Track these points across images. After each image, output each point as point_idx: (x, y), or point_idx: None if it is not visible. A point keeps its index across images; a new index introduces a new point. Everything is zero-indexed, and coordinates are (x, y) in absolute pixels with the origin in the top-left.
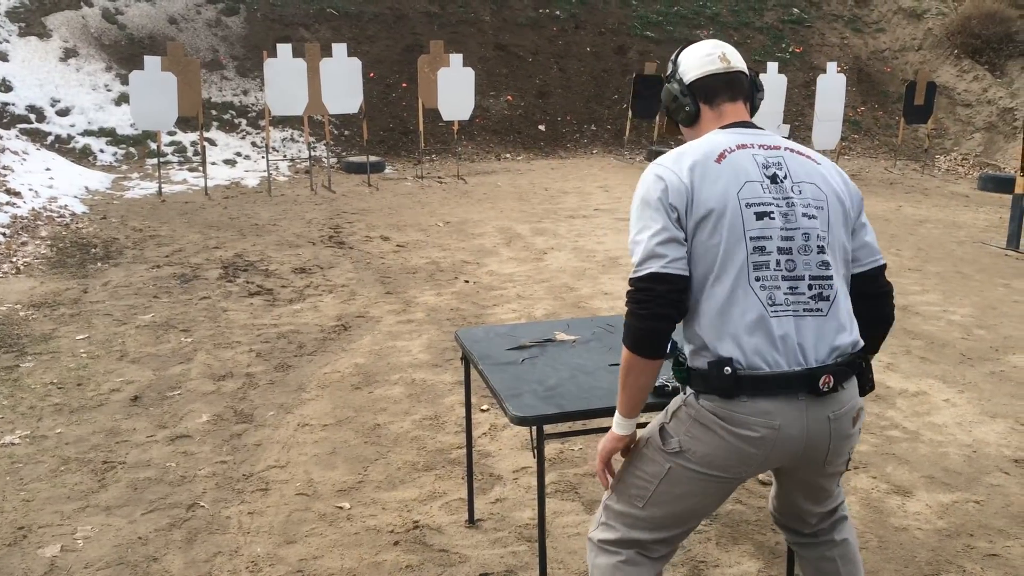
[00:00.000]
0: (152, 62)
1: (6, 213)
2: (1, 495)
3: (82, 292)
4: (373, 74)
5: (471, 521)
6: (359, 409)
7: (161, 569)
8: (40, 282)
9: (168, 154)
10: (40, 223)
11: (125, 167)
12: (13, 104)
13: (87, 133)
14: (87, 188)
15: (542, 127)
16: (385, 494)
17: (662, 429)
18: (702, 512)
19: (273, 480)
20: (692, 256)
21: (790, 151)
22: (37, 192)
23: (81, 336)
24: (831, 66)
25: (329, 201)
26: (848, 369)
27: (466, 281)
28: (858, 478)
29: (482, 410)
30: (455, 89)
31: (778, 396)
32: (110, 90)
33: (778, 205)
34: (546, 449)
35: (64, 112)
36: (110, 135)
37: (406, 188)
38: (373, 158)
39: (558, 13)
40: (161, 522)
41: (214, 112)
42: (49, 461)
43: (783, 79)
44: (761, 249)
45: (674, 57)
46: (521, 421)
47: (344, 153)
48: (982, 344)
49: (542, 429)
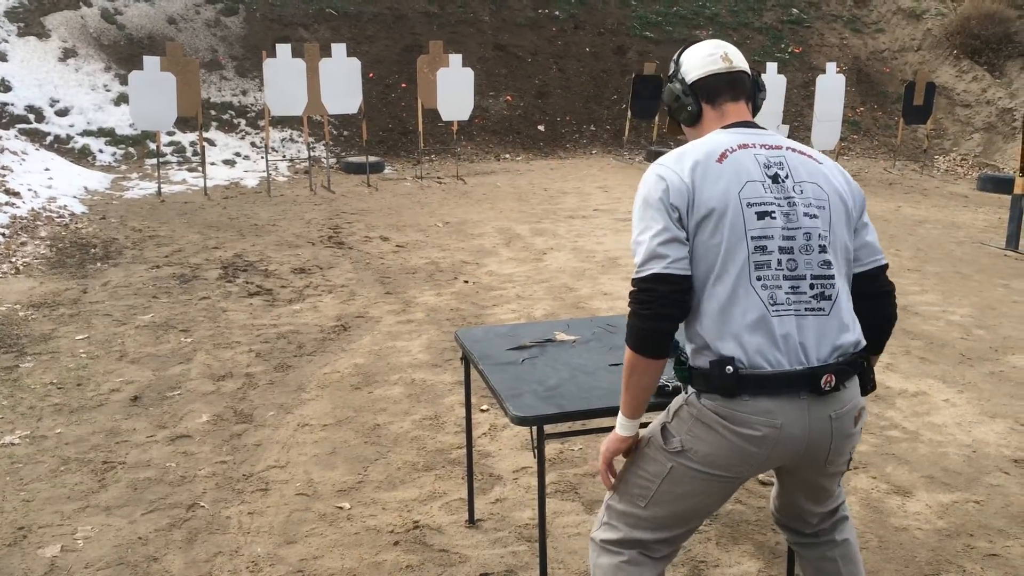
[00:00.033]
0: (151, 62)
1: (5, 213)
2: (1, 495)
3: (81, 292)
4: (372, 74)
5: (471, 521)
6: (359, 409)
7: (161, 569)
8: (39, 282)
9: (167, 154)
10: (39, 223)
11: (124, 167)
12: (12, 104)
13: (86, 133)
14: (86, 188)
15: (541, 127)
16: (385, 494)
17: (664, 428)
18: (704, 512)
19: (273, 480)
20: (693, 256)
21: (792, 151)
22: (36, 192)
23: (81, 336)
24: (830, 66)
25: (328, 201)
26: (850, 368)
27: (465, 281)
28: (858, 478)
29: (482, 410)
30: (454, 89)
31: (780, 395)
32: (109, 90)
33: (779, 205)
34: (546, 449)
35: (63, 112)
36: (109, 135)
37: (405, 188)
38: (372, 158)
39: (557, 13)
40: (161, 522)
41: (213, 112)
42: (49, 461)
43: (782, 79)
44: (762, 249)
45: (676, 57)
46: (522, 421)
47: (343, 153)
48: (981, 344)
49: (542, 429)
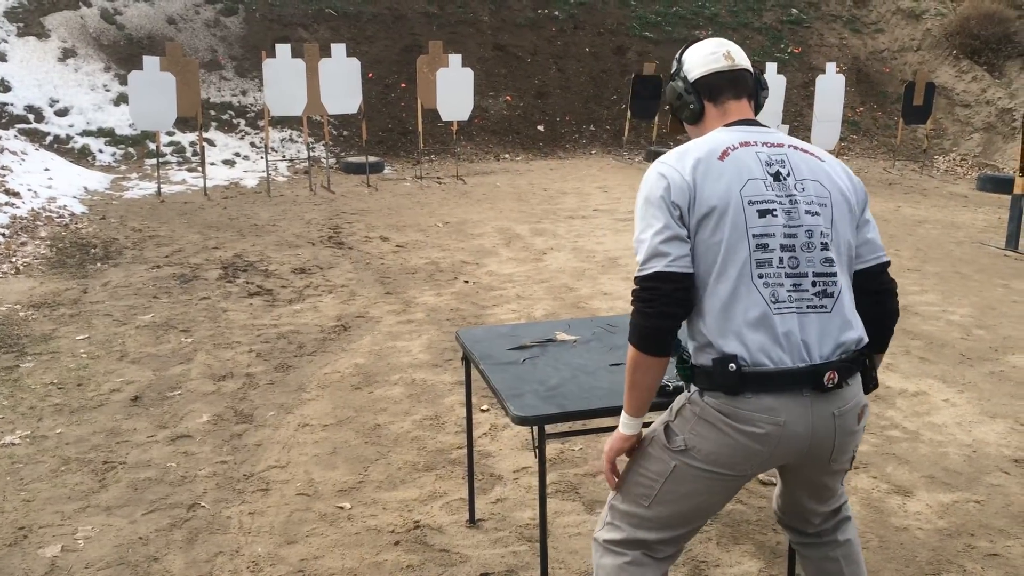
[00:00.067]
0: (151, 62)
1: (5, 213)
2: (1, 495)
3: (82, 292)
4: (372, 74)
5: (472, 521)
6: (359, 409)
7: (162, 569)
8: (40, 282)
9: (167, 154)
10: (39, 223)
11: (124, 167)
12: (12, 104)
13: (86, 133)
14: (86, 188)
15: (541, 127)
16: (386, 494)
17: (667, 427)
18: (708, 511)
19: (274, 480)
20: (695, 254)
21: (794, 148)
22: (36, 192)
23: (81, 336)
24: (830, 66)
25: (328, 201)
26: (852, 366)
27: (466, 281)
28: (858, 478)
29: (482, 410)
30: (454, 89)
31: (783, 392)
32: (109, 90)
33: (781, 202)
34: (547, 449)
35: (63, 112)
36: (109, 135)
37: (405, 188)
38: (372, 158)
39: (557, 13)
40: (162, 522)
41: (213, 112)
42: (49, 461)
43: (782, 80)
44: (764, 246)
45: (679, 55)
46: (523, 421)
47: (343, 153)
48: (981, 344)
49: (543, 429)
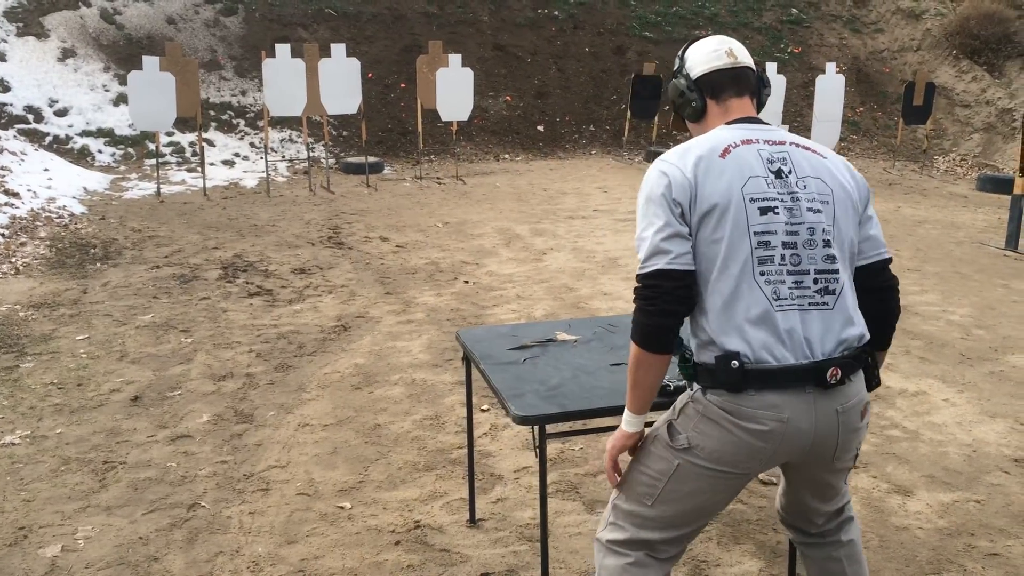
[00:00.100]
0: (150, 62)
1: (5, 214)
2: (2, 495)
3: (81, 292)
4: (371, 74)
5: (472, 521)
6: (359, 409)
7: (162, 569)
8: (39, 282)
9: (166, 155)
10: (39, 224)
11: (123, 168)
12: (11, 104)
13: (85, 133)
14: (85, 189)
15: (541, 128)
16: (386, 494)
17: (670, 426)
18: (711, 510)
19: (274, 480)
20: (697, 251)
21: (795, 146)
22: (35, 193)
23: (81, 336)
24: (830, 66)
25: (328, 202)
26: (855, 362)
27: (465, 281)
28: (858, 478)
29: (482, 410)
30: (454, 89)
31: (786, 389)
32: (108, 90)
33: (783, 200)
34: (547, 449)
35: (62, 112)
36: (108, 135)
37: (405, 189)
38: (372, 159)
39: (557, 13)
40: (162, 522)
41: (212, 113)
42: (49, 461)
43: (782, 80)
44: (766, 244)
45: (681, 52)
46: (524, 421)
47: (343, 154)
48: (981, 344)
49: (544, 429)
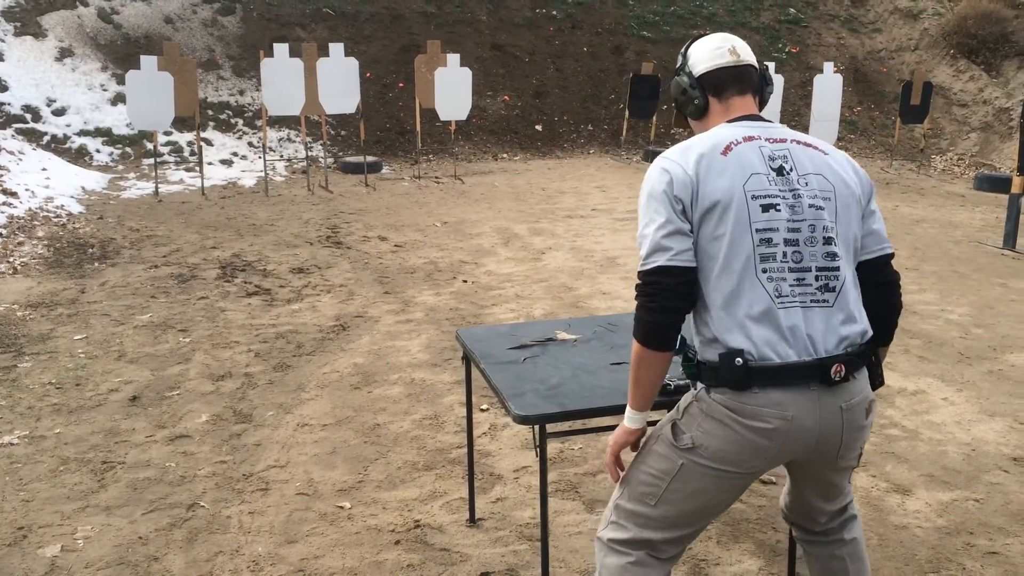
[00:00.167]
0: (148, 62)
1: (2, 213)
2: (1, 495)
3: (79, 292)
4: (370, 74)
5: (472, 520)
6: (359, 409)
7: (162, 569)
8: (37, 282)
9: (164, 154)
10: (37, 223)
11: (121, 167)
12: (9, 104)
13: (83, 133)
14: (83, 188)
15: (539, 127)
16: (386, 493)
17: (674, 425)
18: (714, 510)
19: (273, 480)
20: (698, 248)
21: (797, 143)
22: (33, 192)
23: (79, 336)
24: (828, 66)
25: (326, 201)
26: (858, 359)
27: (464, 281)
28: (857, 476)
29: (482, 409)
30: (452, 89)
31: (790, 387)
32: (106, 90)
33: (784, 197)
34: (547, 448)
35: (60, 112)
36: (106, 135)
37: (403, 188)
38: (370, 158)
39: (555, 13)
40: (161, 522)
41: (210, 112)
42: (48, 461)
43: (780, 79)
44: (767, 241)
45: (684, 50)
46: (524, 420)
47: (341, 153)
48: (980, 343)
49: (544, 428)
